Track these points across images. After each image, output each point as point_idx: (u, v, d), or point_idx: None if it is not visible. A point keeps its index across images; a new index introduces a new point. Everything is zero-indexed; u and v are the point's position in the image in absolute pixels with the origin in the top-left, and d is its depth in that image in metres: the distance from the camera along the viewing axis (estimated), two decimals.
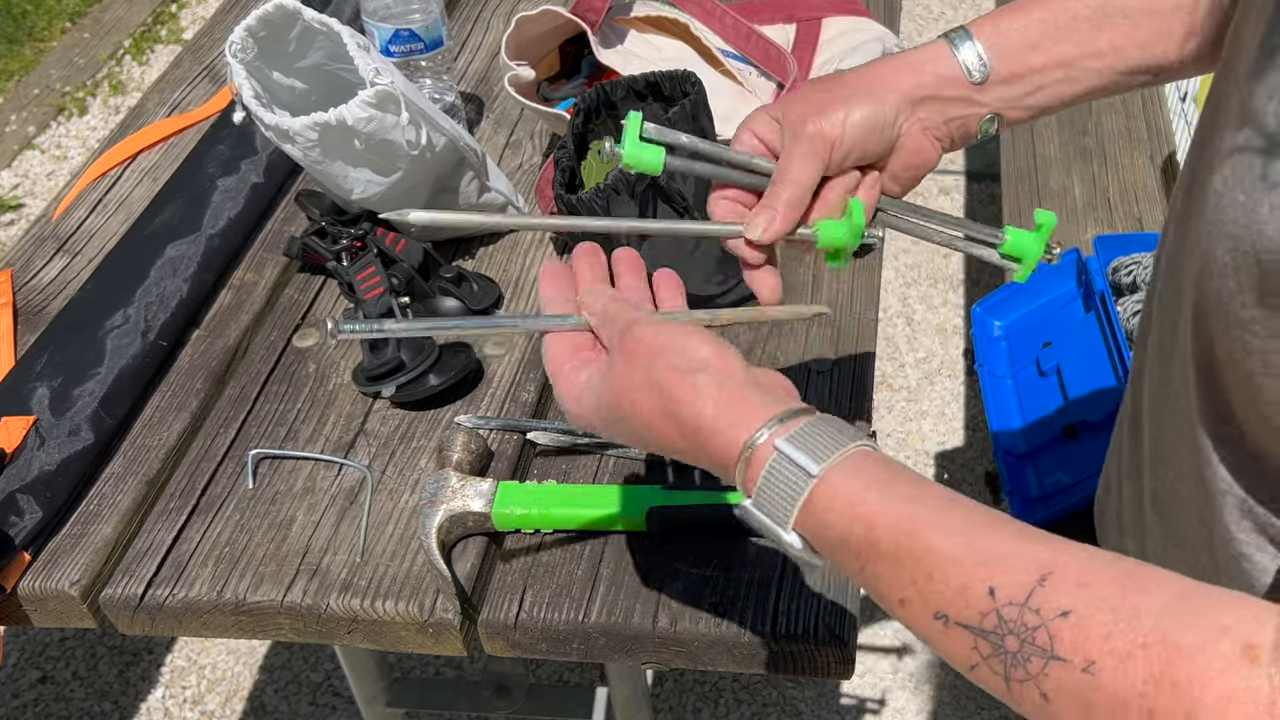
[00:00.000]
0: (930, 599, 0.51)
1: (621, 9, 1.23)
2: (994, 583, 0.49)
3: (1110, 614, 0.46)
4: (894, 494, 0.53)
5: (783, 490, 0.55)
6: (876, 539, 0.53)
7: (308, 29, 1.03)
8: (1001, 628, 0.48)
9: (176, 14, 3.67)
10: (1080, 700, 0.46)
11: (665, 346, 0.59)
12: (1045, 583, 0.48)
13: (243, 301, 1.11)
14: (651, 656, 0.83)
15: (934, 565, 0.51)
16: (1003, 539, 0.50)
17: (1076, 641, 0.46)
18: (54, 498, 0.91)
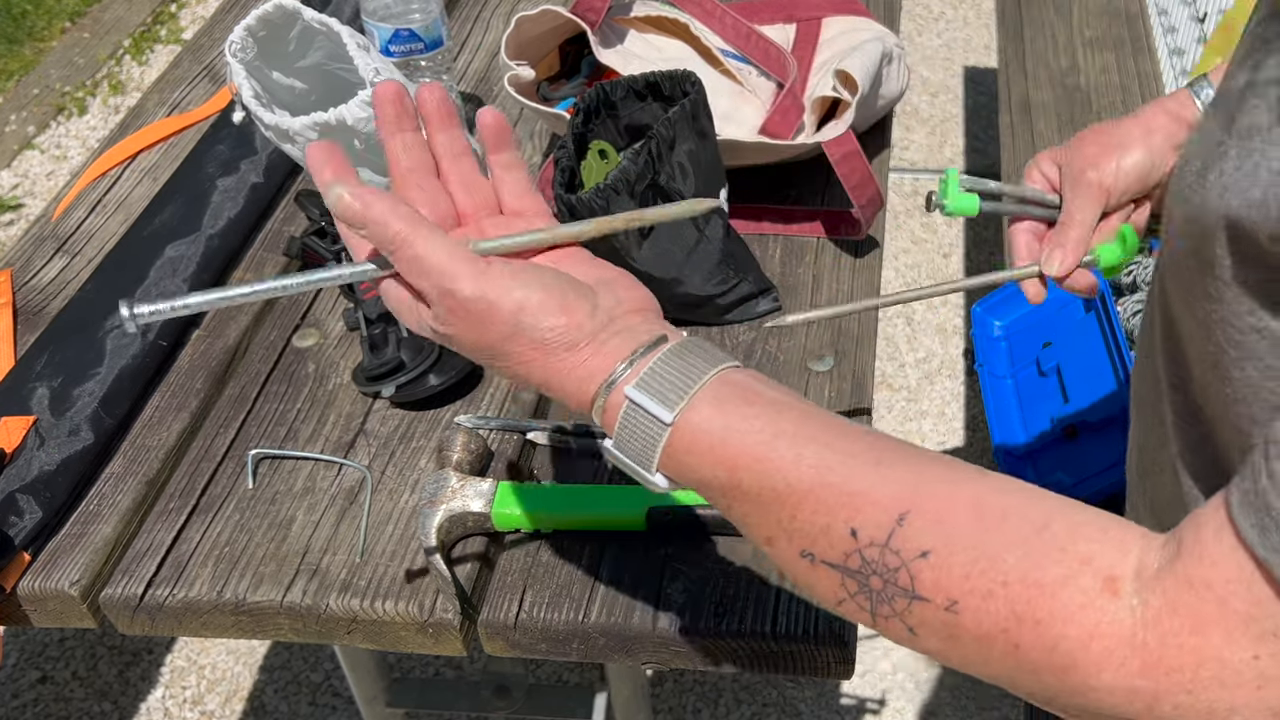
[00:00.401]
0: (795, 538, 0.51)
1: (621, 9, 1.23)
2: (855, 523, 0.49)
3: (969, 553, 0.47)
4: (752, 429, 0.53)
5: (640, 437, 0.54)
6: (738, 480, 0.53)
7: (307, 29, 1.03)
8: (865, 568, 0.49)
9: (176, 14, 3.67)
10: (945, 634, 0.47)
11: (494, 313, 0.55)
12: (904, 521, 0.48)
13: None
14: (651, 656, 0.83)
15: (796, 505, 0.51)
16: (863, 470, 0.50)
17: (938, 581, 0.47)
18: (54, 498, 0.91)
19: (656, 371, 0.54)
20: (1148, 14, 2.34)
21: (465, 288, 0.54)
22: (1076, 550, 0.46)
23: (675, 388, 0.54)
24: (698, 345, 0.56)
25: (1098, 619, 0.45)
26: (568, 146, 0.99)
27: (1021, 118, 2.10)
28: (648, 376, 0.54)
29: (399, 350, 0.98)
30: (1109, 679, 0.44)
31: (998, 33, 2.36)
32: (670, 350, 0.55)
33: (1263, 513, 0.42)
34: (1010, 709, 1.82)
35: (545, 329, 0.55)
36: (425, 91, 0.62)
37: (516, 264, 0.56)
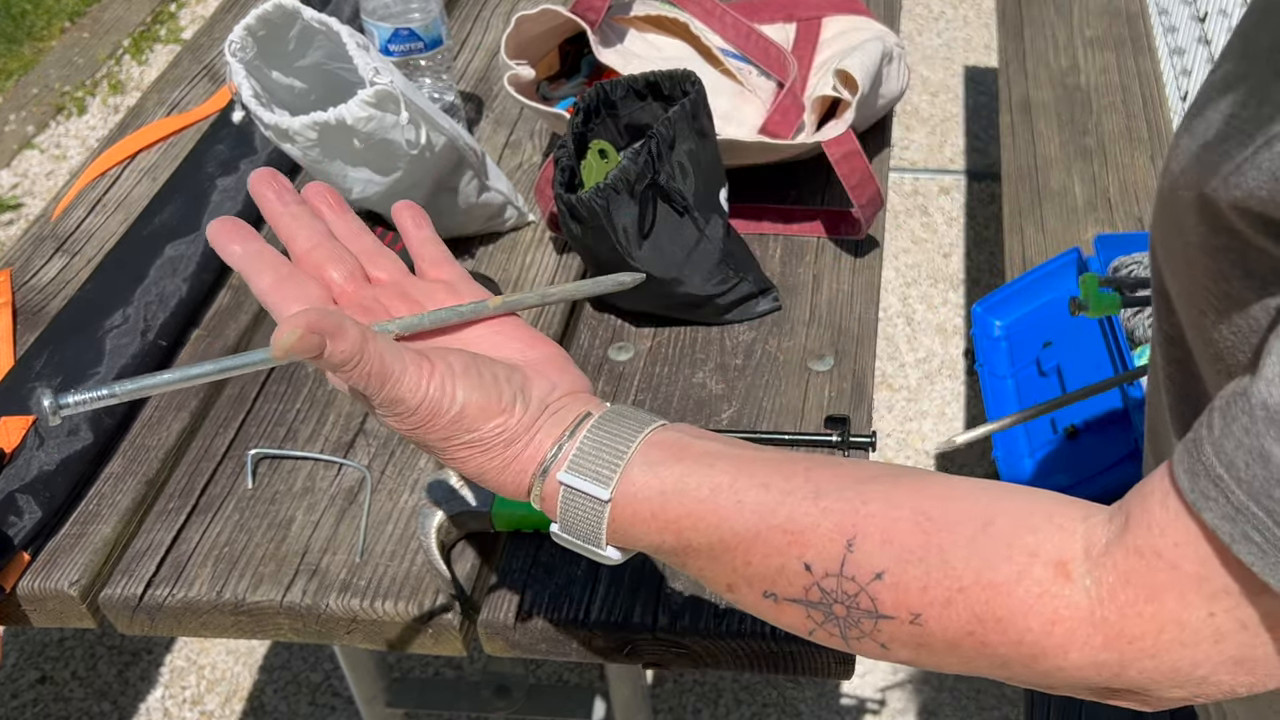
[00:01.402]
0: (754, 582, 0.52)
1: (621, 8, 1.23)
2: (806, 558, 0.50)
3: (920, 566, 0.48)
4: (689, 488, 0.53)
5: (583, 519, 0.55)
6: (687, 541, 0.53)
7: (307, 28, 1.03)
8: (826, 598, 0.50)
9: (176, 13, 3.67)
10: (915, 644, 0.49)
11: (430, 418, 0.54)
12: (852, 547, 0.49)
13: (242, 301, 1.11)
14: (651, 656, 0.83)
15: (748, 550, 0.52)
16: (804, 505, 0.51)
17: (897, 599, 0.48)
18: (53, 498, 0.91)
19: (585, 450, 0.54)
20: (1148, 14, 2.34)
21: (409, 396, 0.54)
22: (1023, 544, 0.47)
23: (605, 463, 0.54)
24: (620, 414, 0.56)
25: (1055, 606, 0.46)
26: (568, 146, 0.99)
27: (1022, 117, 2.10)
28: (578, 457, 0.54)
29: None
30: (1076, 658, 0.46)
31: (998, 32, 2.36)
32: (594, 425, 0.55)
33: (1194, 458, 0.44)
34: (1010, 709, 1.82)
35: (483, 431, 0.55)
36: (309, 191, 0.63)
37: (457, 363, 0.55)
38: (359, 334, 0.52)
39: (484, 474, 0.56)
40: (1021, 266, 1.81)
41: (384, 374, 0.53)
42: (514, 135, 1.30)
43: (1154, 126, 2.05)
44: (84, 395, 0.53)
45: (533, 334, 0.60)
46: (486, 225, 1.15)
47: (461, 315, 0.59)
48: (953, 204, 2.77)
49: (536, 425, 0.56)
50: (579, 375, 0.59)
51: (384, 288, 0.61)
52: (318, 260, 0.60)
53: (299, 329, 0.51)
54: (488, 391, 0.55)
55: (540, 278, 1.11)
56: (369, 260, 0.62)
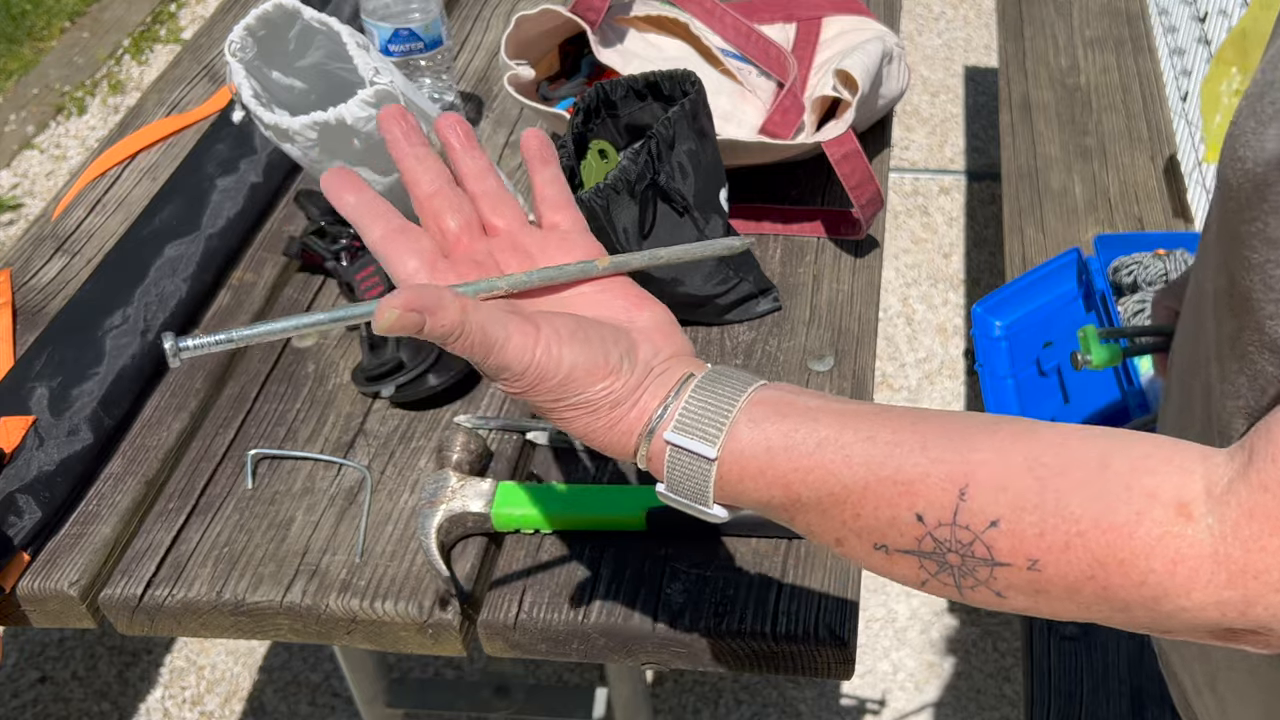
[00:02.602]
0: (865, 535, 0.52)
1: (621, 8, 1.23)
2: (918, 508, 0.50)
3: (1037, 512, 0.48)
4: (795, 443, 0.53)
5: (691, 477, 0.55)
6: (796, 495, 0.53)
7: (307, 28, 1.03)
8: (940, 548, 0.50)
9: (175, 13, 3.67)
10: (1033, 590, 0.49)
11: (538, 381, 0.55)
12: (965, 496, 0.49)
13: (242, 301, 1.11)
14: (651, 656, 0.83)
15: (858, 504, 0.52)
16: (913, 457, 0.51)
17: (1013, 546, 0.48)
18: (53, 498, 0.91)
19: (690, 410, 0.55)
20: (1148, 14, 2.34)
21: (514, 363, 0.55)
22: (1141, 486, 0.47)
23: (711, 421, 0.54)
24: (722, 374, 0.57)
25: (1177, 545, 0.46)
26: (568, 146, 0.99)
27: (1022, 117, 2.10)
28: (683, 417, 0.55)
29: (398, 350, 0.97)
30: (1199, 597, 0.46)
31: (998, 32, 2.36)
32: (698, 385, 0.56)
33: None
34: (1010, 709, 1.82)
35: (591, 393, 0.56)
36: (443, 122, 0.63)
37: (563, 327, 0.56)
38: (458, 308, 0.53)
39: (591, 433, 0.57)
40: (1021, 266, 1.81)
41: (487, 344, 0.54)
42: (514, 135, 1.30)
43: (1154, 126, 2.05)
44: (203, 340, 0.55)
45: (640, 294, 0.61)
46: None
47: (569, 275, 0.60)
48: (953, 204, 2.77)
49: (642, 387, 0.56)
50: (684, 339, 0.60)
51: (498, 239, 0.61)
52: (437, 208, 0.61)
53: (397, 309, 0.52)
54: (594, 355, 0.55)
55: None
56: (489, 205, 0.62)
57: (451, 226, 0.61)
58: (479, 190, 0.62)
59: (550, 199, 0.63)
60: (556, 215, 0.63)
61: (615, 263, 0.61)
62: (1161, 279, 1.59)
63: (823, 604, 0.81)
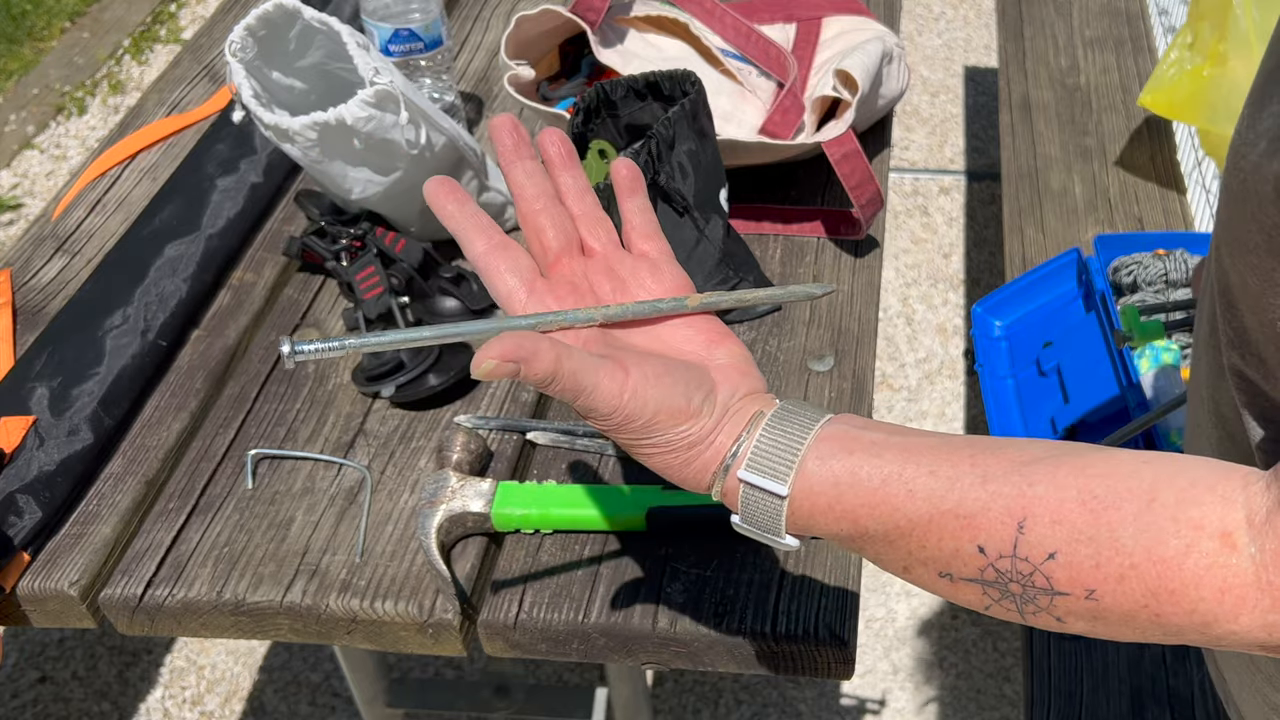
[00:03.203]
0: (930, 564, 0.55)
1: (621, 8, 1.23)
2: (979, 540, 0.53)
3: (1091, 545, 0.50)
4: (862, 481, 0.56)
5: (763, 512, 0.58)
6: (863, 529, 0.56)
7: (307, 28, 1.03)
8: (1001, 578, 0.53)
9: (176, 13, 3.67)
10: (1091, 617, 0.51)
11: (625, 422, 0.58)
12: (1024, 529, 0.52)
13: (242, 301, 1.11)
14: (651, 656, 0.83)
15: (922, 536, 0.55)
16: (973, 491, 0.53)
17: (1071, 577, 0.51)
18: (53, 498, 0.91)
19: (761, 448, 0.58)
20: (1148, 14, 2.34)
21: (602, 406, 0.57)
22: (1187, 518, 0.49)
23: (781, 460, 0.57)
24: (791, 411, 0.59)
25: (1224, 575, 0.48)
26: None
27: (1022, 117, 2.10)
28: (755, 456, 0.58)
29: (399, 350, 0.97)
30: (1246, 621, 0.49)
31: (998, 32, 2.36)
32: (768, 423, 0.58)
33: None
34: (1010, 709, 1.82)
35: (672, 435, 0.58)
36: (546, 137, 0.65)
37: (651, 371, 0.58)
38: (553, 357, 0.56)
39: (668, 469, 0.60)
40: (1021, 266, 1.81)
41: (577, 389, 0.57)
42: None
43: (1154, 126, 2.05)
44: (318, 345, 0.58)
45: (721, 329, 0.63)
46: None
47: (660, 311, 0.62)
48: (953, 204, 2.77)
49: (719, 427, 0.59)
50: (758, 375, 0.62)
51: (593, 261, 0.64)
52: (540, 223, 0.63)
53: (494, 359, 0.55)
54: (678, 399, 0.58)
55: None
56: (586, 226, 0.64)
57: (552, 243, 0.63)
58: (578, 209, 0.65)
59: (639, 228, 0.65)
60: (646, 244, 0.65)
61: (705, 302, 0.63)
62: (1161, 279, 1.59)
63: (823, 604, 0.81)
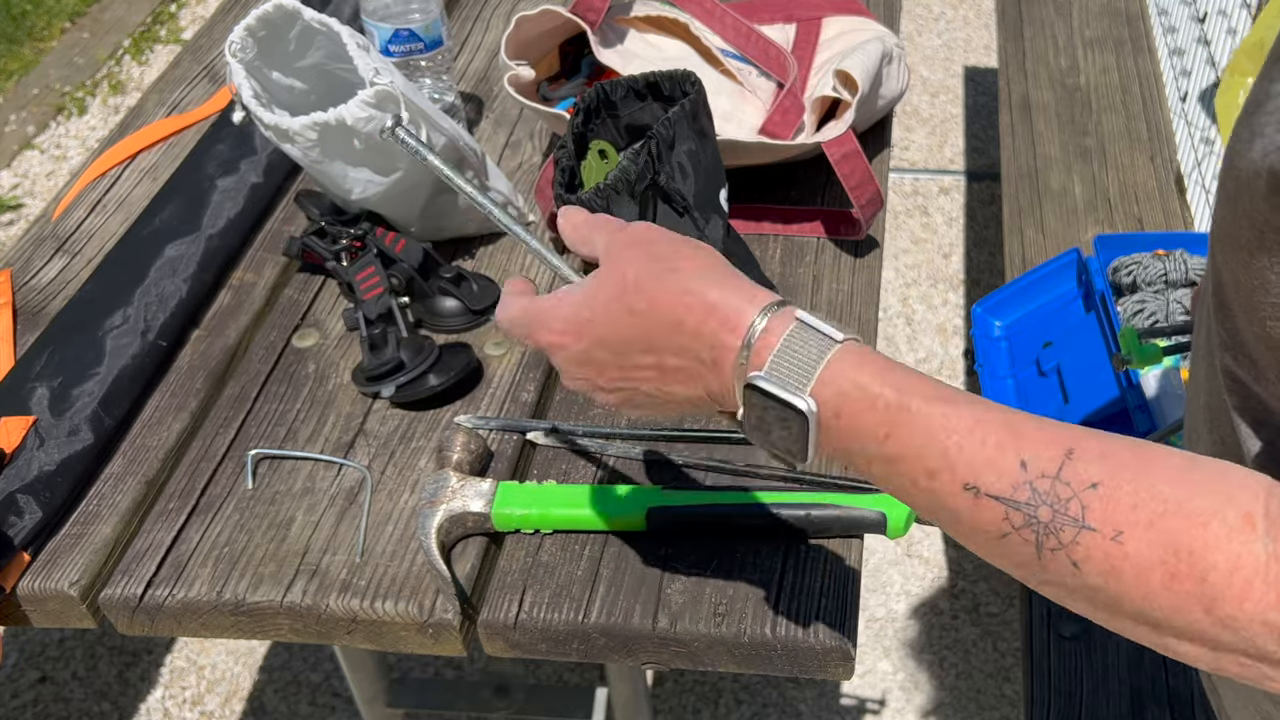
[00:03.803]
0: (959, 469, 0.52)
1: (621, 9, 1.23)
2: (1024, 454, 0.51)
3: (1134, 483, 0.50)
4: (922, 378, 0.55)
5: (803, 356, 0.55)
6: (906, 403, 0.53)
7: (307, 29, 1.03)
8: (1035, 499, 0.51)
9: (176, 14, 3.67)
10: (1108, 567, 0.50)
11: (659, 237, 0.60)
12: (1072, 456, 0.51)
13: (242, 301, 1.11)
14: (651, 656, 0.83)
15: (963, 436, 0.52)
16: (1023, 419, 0.53)
17: (1106, 511, 0.50)
18: (53, 498, 0.91)
19: (811, 314, 0.56)
20: (1148, 14, 2.34)
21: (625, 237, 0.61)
22: (1220, 488, 0.49)
23: (839, 327, 0.56)
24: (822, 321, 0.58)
25: (1239, 551, 0.48)
26: (568, 146, 0.99)
27: (1021, 117, 2.10)
28: (804, 317, 0.56)
29: (399, 350, 0.97)
30: (1250, 609, 0.48)
31: (998, 33, 2.36)
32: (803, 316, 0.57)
33: None
34: (1010, 709, 1.82)
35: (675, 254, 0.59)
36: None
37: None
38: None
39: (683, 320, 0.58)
40: (1021, 267, 1.81)
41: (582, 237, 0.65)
42: (514, 136, 1.30)
43: (1154, 127, 2.05)
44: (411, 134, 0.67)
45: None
46: (486, 226, 1.15)
47: None
48: (953, 204, 2.77)
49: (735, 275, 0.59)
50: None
51: None
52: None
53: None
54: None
55: (540, 278, 1.11)
56: None
57: None
58: None
59: None
60: None
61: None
62: (1161, 279, 1.59)
63: (823, 604, 0.81)
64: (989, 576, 2.00)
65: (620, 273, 0.59)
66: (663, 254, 0.59)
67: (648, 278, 0.59)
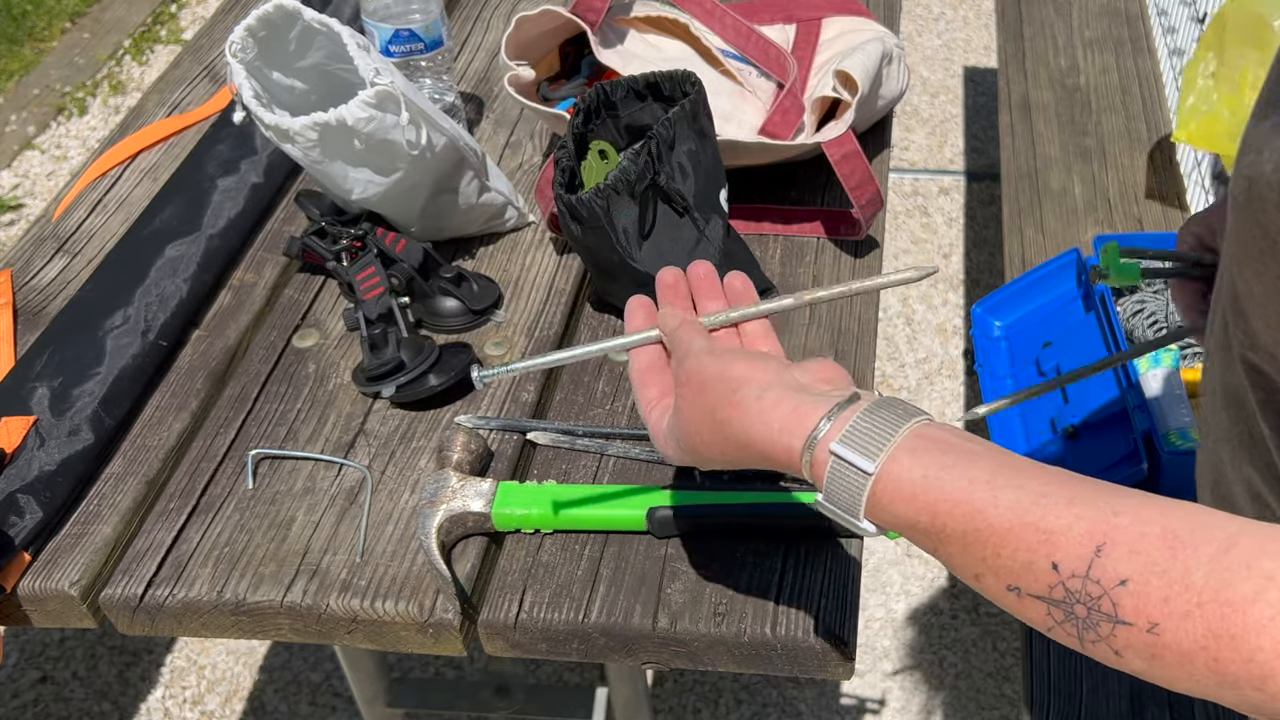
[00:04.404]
0: (1001, 574, 0.55)
1: (621, 9, 1.23)
2: (1055, 558, 0.53)
3: (1163, 578, 0.50)
4: (952, 478, 0.56)
5: (847, 489, 0.59)
6: (941, 525, 0.56)
7: (307, 29, 1.03)
8: (1069, 598, 0.52)
9: (176, 14, 3.67)
10: (1149, 654, 0.51)
11: (709, 377, 0.64)
12: (1101, 553, 0.52)
13: (242, 301, 1.11)
14: (651, 656, 0.83)
15: (999, 544, 0.55)
16: (1058, 509, 0.54)
17: (1138, 607, 0.50)
18: (54, 498, 0.91)
19: (857, 427, 0.59)
20: (1148, 14, 2.34)
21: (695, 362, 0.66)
22: (1261, 567, 0.49)
23: (875, 441, 0.58)
24: (893, 402, 0.60)
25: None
26: (568, 146, 0.99)
27: (1021, 117, 2.10)
28: (849, 432, 0.59)
29: (399, 350, 0.98)
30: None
31: (998, 33, 2.36)
32: (868, 408, 0.60)
33: None
34: (1010, 709, 1.82)
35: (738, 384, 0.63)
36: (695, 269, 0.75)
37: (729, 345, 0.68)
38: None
39: (750, 433, 0.62)
40: (1021, 267, 1.81)
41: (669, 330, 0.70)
42: (514, 136, 1.30)
43: (1154, 127, 2.05)
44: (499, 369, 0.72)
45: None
46: (487, 226, 1.15)
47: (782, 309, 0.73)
48: (952, 204, 2.77)
49: (797, 394, 0.62)
50: (839, 368, 0.67)
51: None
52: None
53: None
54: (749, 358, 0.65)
55: (540, 279, 1.11)
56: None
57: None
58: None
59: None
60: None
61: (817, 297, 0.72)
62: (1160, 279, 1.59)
63: (823, 604, 0.82)
64: None
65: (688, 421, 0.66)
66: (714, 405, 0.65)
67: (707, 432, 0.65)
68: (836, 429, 0.59)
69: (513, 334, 1.05)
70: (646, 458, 0.93)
